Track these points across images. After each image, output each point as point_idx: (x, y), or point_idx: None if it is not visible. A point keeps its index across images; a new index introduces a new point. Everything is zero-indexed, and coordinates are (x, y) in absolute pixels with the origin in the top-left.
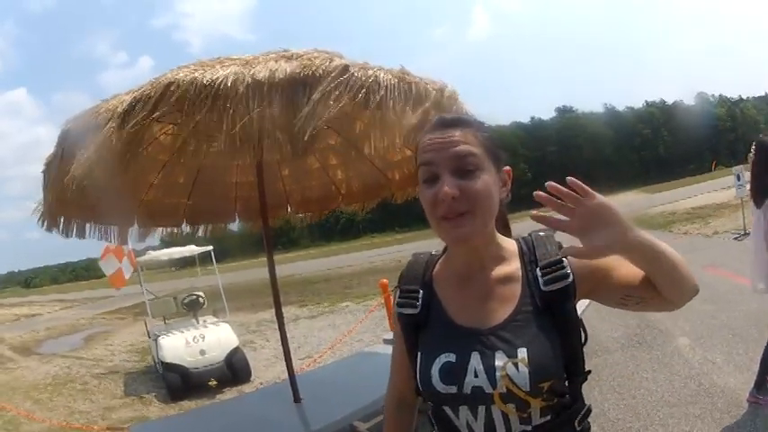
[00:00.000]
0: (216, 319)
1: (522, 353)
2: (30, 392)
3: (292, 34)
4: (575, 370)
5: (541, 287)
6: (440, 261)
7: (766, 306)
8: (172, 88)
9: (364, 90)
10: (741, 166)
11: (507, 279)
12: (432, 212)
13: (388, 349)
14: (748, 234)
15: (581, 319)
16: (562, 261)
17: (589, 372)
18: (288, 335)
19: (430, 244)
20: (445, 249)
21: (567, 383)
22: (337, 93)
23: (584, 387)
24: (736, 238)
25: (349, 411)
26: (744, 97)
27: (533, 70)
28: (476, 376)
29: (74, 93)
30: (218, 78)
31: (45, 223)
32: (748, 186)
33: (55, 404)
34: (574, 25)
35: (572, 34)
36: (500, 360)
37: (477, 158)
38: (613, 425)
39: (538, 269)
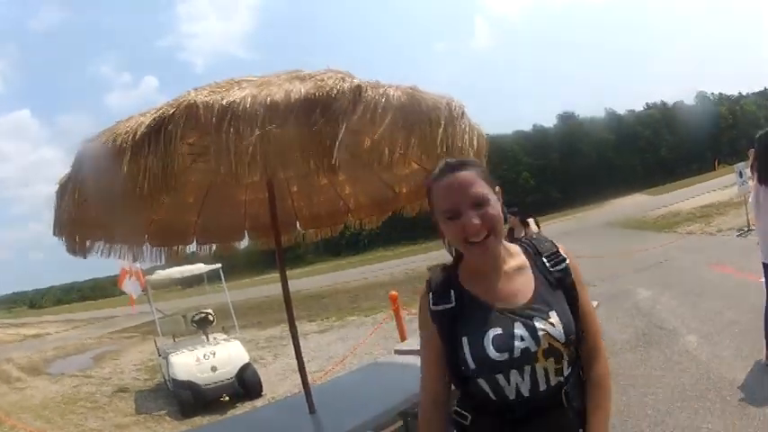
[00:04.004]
0: (226, 336)
1: (553, 315)
2: (40, 411)
3: (296, 52)
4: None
5: (550, 269)
6: (458, 266)
7: None
8: (192, 110)
9: (379, 109)
10: (743, 162)
11: (521, 269)
12: (461, 240)
13: (400, 359)
14: (752, 231)
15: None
16: (559, 250)
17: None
18: None
19: (438, 255)
20: (456, 257)
21: None
22: (353, 111)
23: None
24: (739, 235)
25: (363, 420)
26: (743, 94)
27: (532, 77)
28: (522, 340)
29: (78, 113)
30: (235, 100)
31: (67, 245)
32: (751, 182)
33: (66, 422)
34: (570, 32)
35: (569, 40)
36: (539, 323)
37: (486, 191)
38: (624, 423)
39: (543, 258)
